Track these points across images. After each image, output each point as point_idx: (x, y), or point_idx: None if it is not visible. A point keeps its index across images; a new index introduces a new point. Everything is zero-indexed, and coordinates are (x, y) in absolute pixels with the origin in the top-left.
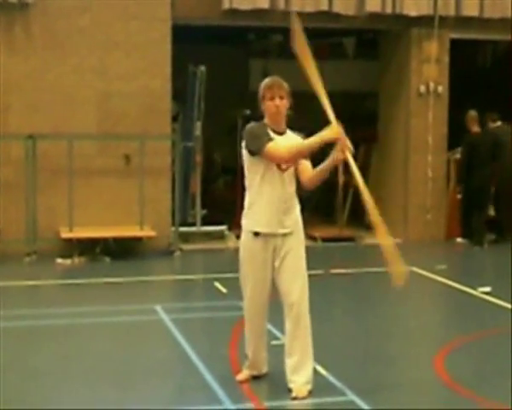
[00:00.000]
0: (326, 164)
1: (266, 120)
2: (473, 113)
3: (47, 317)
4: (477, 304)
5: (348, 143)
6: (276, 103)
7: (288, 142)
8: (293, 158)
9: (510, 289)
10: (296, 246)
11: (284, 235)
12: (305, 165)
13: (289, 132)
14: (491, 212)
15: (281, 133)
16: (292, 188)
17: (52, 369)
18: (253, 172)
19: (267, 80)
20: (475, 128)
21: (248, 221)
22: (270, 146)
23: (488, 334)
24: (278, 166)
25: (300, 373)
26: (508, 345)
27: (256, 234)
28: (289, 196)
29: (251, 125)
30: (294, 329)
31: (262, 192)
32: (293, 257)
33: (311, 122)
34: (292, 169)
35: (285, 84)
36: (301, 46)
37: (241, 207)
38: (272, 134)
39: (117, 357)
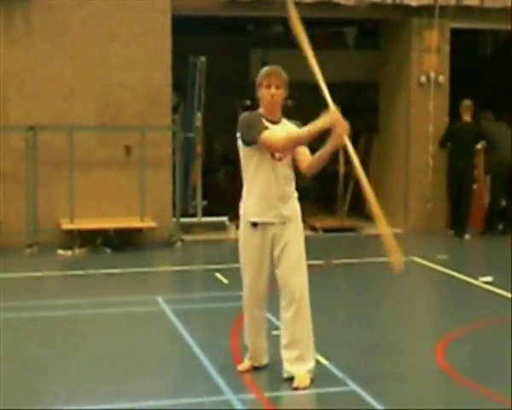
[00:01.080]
0: (325, 150)
1: (261, 109)
2: (467, 102)
3: (48, 308)
4: (478, 294)
5: (346, 128)
6: (271, 92)
7: (284, 131)
8: (290, 146)
9: (510, 279)
10: (296, 237)
11: (282, 223)
12: (304, 153)
13: (285, 121)
14: (504, 203)
15: (275, 122)
16: (287, 178)
17: (53, 360)
18: (248, 163)
19: (266, 68)
20: (466, 117)
21: (245, 211)
22: (266, 134)
23: (489, 324)
24: (272, 155)
25: (302, 365)
26: (508, 335)
27: (254, 224)
28: (285, 186)
29: (245, 114)
30: (295, 320)
31: (257, 182)
32: (294, 248)
33: (310, 112)
34: (288, 159)
35: (284, 74)
36: (299, 33)
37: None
38: (266, 123)
39: (118, 348)
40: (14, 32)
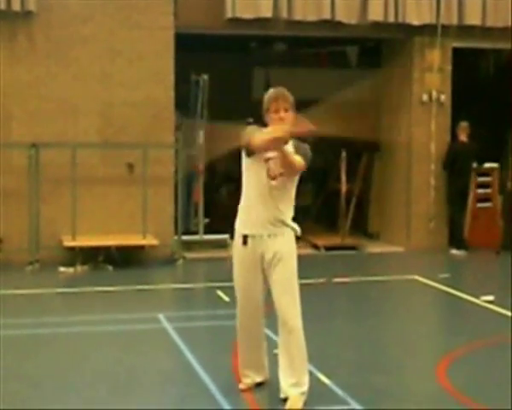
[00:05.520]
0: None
1: None
2: (464, 123)
3: (49, 325)
4: (480, 313)
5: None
6: (280, 116)
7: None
8: (261, 145)
9: (510, 298)
10: (287, 254)
11: (271, 236)
12: None
13: (292, 143)
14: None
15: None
16: (284, 201)
17: (54, 377)
18: (246, 176)
19: (272, 92)
20: (463, 138)
21: (239, 224)
22: (253, 136)
23: (491, 343)
24: (269, 175)
25: (298, 388)
26: (510, 354)
27: (244, 237)
28: (276, 207)
29: (250, 126)
30: (289, 344)
31: (252, 196)
32: (284, 269)
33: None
34: (285, 181)
35: (290, 96)
36: None
37: None
38: None
39: (119, 366)
40: (17, 49)
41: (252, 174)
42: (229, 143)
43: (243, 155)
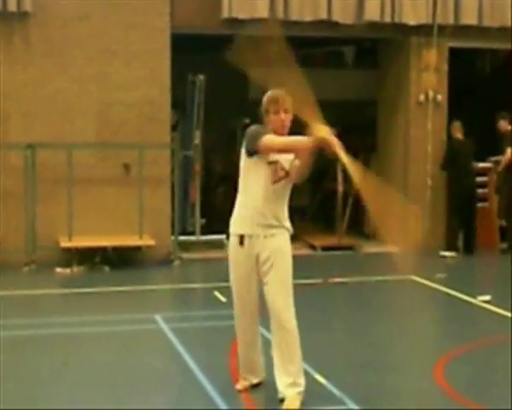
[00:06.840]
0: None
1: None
2: (457, 123)
3: (46, 326)
4: (476, 313)
5: (335, 141)
6: (281, 117)
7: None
8: (286, 149)
9: (510, 298)
10: (282, 255)
11: (267, 236)
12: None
13: None
14: (503, 222)
15: None
16: (281, 199)
17: (51, 378)
18: (247, 174)
19: (271, 93)
20: (458, 135)
21: (234, 224)
22: (266, 136)
23: (488, 342)
24: (273, 178)
25: (294, 388)
26: (507, 353)
27: (241, 237)
28: (276, 205)
29: (254, 126)
30: (283, 345)
31: (249, 197)
32: (279, 270)
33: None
34: (288, 183)
35: (289, 98)
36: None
37: None
38: None
39: (116, 366)
40: (13, 49)
41: (252, 175)
42: None
43: (244, 154)
